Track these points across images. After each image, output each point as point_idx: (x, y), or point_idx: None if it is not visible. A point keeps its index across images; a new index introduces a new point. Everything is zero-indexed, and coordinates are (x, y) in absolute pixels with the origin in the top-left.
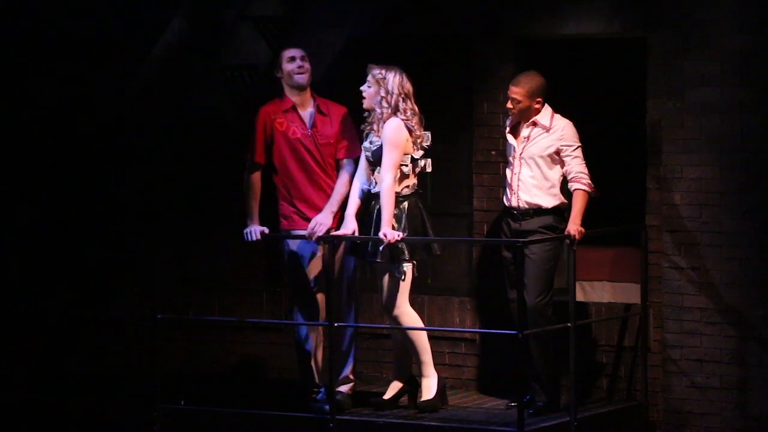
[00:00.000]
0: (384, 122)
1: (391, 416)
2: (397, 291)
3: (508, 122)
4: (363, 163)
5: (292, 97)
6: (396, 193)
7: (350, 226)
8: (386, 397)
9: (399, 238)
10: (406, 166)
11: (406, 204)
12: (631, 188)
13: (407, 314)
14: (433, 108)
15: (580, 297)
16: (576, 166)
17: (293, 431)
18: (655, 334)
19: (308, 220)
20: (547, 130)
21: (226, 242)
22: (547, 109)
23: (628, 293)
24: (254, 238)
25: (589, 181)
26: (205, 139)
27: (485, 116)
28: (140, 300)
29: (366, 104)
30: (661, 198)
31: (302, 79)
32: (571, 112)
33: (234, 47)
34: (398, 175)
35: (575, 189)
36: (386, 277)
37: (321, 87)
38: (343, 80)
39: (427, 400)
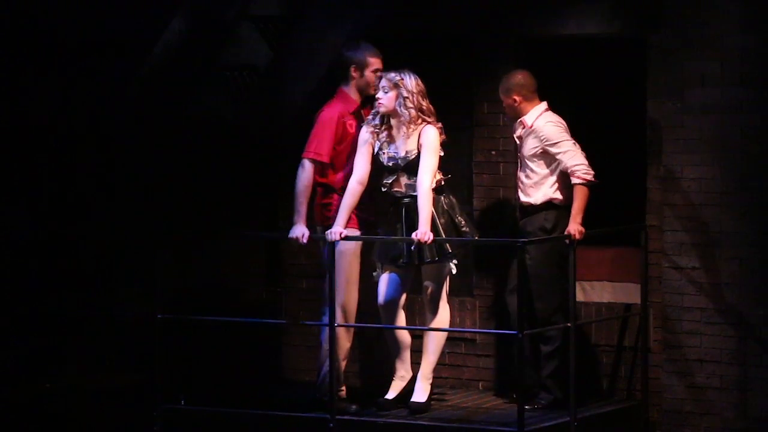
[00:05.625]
0: (412, 124)
1: (391, 416)
2: (444, 286)
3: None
4: (367, 167)
5: (357, 97)
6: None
7: (338, 229)
8: (389, 397)
9: (430, 240)
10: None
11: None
12: (631, 188)
13: (448, 309)
14: (434, 108)
15: (580, 297)
16: (568, 161)
17: (293, 431)
18: (655, 334)
19: (358, 217)
20: (530, 129)
21: (226, 242)
22: (536, 109)
23: (628, 293)
24: (305, 242)
25: (586, 170)
26: (205, 139)
27: (485, 116)
28: (140, 300)
29: (384, 109)
30: (661, 198)
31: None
32: (571, 112)
33: (234, 47)
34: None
35: (574, 184)
36: (436, 273)
37: (321, 88)
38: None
39: (420, 402)
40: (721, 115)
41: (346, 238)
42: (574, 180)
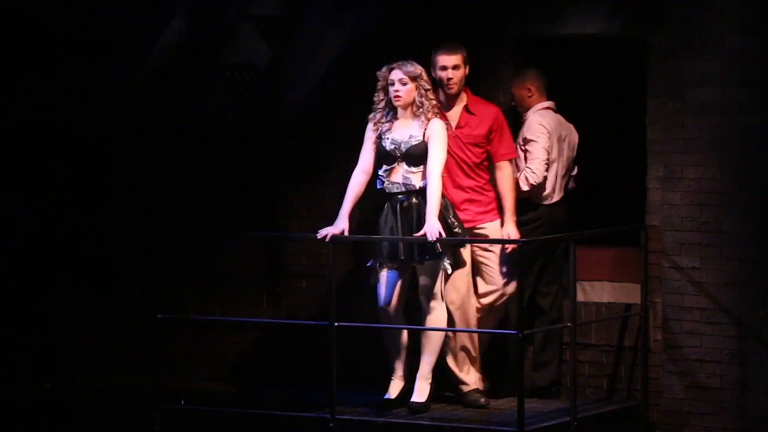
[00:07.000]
0: (430, 114)
1: (391, 416)
2: (439, 284)
3: None
4: (371, 157)
5: (440, 96)
6: (420, 187)
7: (341, 225)
8: (390, 396)
9: (436, 237)
10: None
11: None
12: (631, 188)
13: (443, 308)
14: None
15: (580, 297)
16: (529, 161)
17: (293, 431)
18: (655, 334)
19: None
20: (525, 119)
21: (225, 242)
22: (542, 104)
23: (628, 293)
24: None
25: (534, 178)
26: (205, 139)
27: None
28: (140, 300)
29: (402, 103)
30: (661, 198)
31: (451, 91)
32: (571, 112)
33: (234, 47)
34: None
35: (518, 182)
36: (430, 271)
37: (321, 87)
38: (343, 80)
39: (420, 402)
40: (721, 115)
41: (344, 238)
42: (521, 180)
